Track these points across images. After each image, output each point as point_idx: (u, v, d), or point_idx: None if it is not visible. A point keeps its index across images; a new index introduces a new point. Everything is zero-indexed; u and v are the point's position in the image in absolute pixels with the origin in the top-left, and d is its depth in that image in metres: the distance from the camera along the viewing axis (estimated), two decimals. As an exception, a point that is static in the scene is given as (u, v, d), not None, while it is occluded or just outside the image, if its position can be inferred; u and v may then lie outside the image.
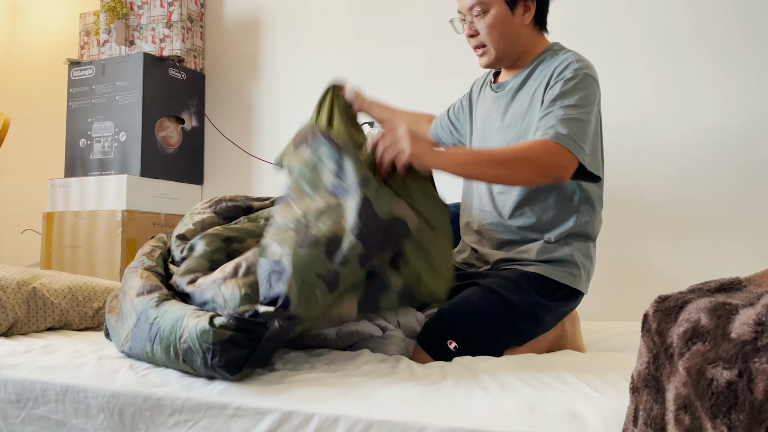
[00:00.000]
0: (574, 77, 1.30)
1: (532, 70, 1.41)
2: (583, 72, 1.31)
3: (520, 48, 1.42)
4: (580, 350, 1.43)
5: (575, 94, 1.29)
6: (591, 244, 1.41)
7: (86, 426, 1.00)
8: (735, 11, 1.98)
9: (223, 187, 2.84)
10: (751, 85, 1.95)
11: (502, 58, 1.42)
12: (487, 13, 1.38)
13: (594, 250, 1.43)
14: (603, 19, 2.16)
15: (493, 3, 1.37)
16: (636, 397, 0.65)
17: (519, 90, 1.41)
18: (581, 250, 1.37)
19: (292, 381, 0.95)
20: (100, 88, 2.65)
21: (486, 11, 1.37)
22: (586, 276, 1.39)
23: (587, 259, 1.39)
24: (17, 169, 3.31)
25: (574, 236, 1.37)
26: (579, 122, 1.26)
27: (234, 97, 2.86)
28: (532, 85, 1.39)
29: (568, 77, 1.31)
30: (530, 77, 1.40)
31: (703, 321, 0.58)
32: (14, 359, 1.15)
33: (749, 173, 1.94)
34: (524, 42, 1.41)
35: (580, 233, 1.38)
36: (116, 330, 1.18)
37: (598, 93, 1.35)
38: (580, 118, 1.26)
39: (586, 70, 1.32)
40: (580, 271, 1.36)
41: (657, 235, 2.04)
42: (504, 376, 0.93)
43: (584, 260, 1.37)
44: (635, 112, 2.09)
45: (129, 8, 2.70)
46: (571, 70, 1.31)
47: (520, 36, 1.40)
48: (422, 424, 0.78)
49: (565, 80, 1.30)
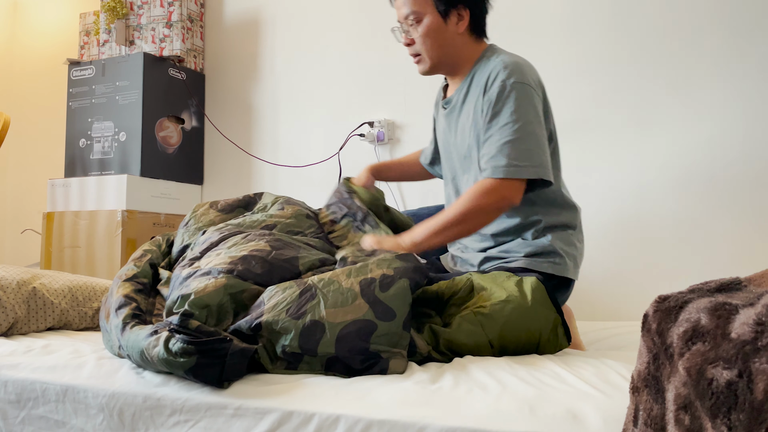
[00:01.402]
0: (502, 92, 1.33)
1: (471, 81, 1.44)
2: (510, 82, 1.33)
3: (456, 56, 1.45)
4: (579, 347, 1.44)
5: (506, 110, 1.32)
6: (571, 232, 1.44)
7: (86, 426, 1.00)
8: (735, 11, 1.98)
9: (223, 187, 2.84)
10: (751, 85, 1.95)
11: (438, 65, 1.46)
12: (420, 23, 1.42)
13: (577, 237, 1.45)
14: (603, 19, 2.16)
15: (426, 12, 1.41)
16: (636, 397, 0.65)
17: (463, 104, 1.45)
18: (561, 238, 1.40)
19: (292, 381, 0.95)
20: (100, 88, 2.65)
21: (419, 20, 1.42)
22: (573, 263, 1.41)
23: (570, 246, 1.41)
24: (17, 169, 3.31)
25: (550, 228, 1.41)
26: (517, 141, 1.31)
27: (234, 97, 2.86)
28: (472, 97, 1.42)
29: (496, 93, 1.34)
30: (470, 89, 1.44)
31: (703, 321, 0.58)
32: (14, 359, 1.15)
33: (749, 173, 1.94)
34: (460, 50, 1.45)
35: (555, 225, 1.41)
36: (108, 335, 1.18)
37: (534, 95, 1.36)
38: (517, 136, 1.31)
39: (513, 77, 1.34)
40: (565, 260, 1.39)
41: (657, 235, 2.04)
42: (504, 376, 0.93)
43: (566, 248, 1.40)
44: (635, 112, 2.09)
45: (129, 8, 2.70)
46: (498, 84, 1.34)
47: (454, 44, 1.44)
48: (422, 424, 0.78)
49: (495, 98, 1.34)
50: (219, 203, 1.52)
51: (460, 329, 1.06)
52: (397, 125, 2.48)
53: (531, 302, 1.08)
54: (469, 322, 1.07)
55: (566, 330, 1.11)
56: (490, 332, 1.06)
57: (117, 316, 1.11)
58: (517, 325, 1.07)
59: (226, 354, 0.92)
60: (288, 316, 0.99)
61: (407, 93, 2.47)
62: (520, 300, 1.08)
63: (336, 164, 2.56)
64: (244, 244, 1.20)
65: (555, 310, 1.09)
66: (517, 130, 1.31)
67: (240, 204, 1.52)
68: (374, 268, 1.07)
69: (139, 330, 1.03)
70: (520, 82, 1.34)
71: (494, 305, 1.07)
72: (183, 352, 0.91)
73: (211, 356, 0.91)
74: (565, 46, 2.20)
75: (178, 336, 0.92)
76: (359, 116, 2.54)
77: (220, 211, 1.48)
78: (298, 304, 1.01)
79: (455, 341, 1.06)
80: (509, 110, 1.32)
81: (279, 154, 2.73)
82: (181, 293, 1.03)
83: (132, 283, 1.22)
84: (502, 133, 1.32)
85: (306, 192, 2.63)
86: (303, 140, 2.69)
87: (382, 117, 2.49)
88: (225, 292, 1.04)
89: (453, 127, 1.49)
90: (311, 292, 1.03)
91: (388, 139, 2.48)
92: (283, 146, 2.73)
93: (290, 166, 2.69)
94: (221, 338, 0.92)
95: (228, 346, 0.92)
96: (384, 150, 2.49)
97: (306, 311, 0.99)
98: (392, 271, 1.06)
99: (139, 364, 1.02)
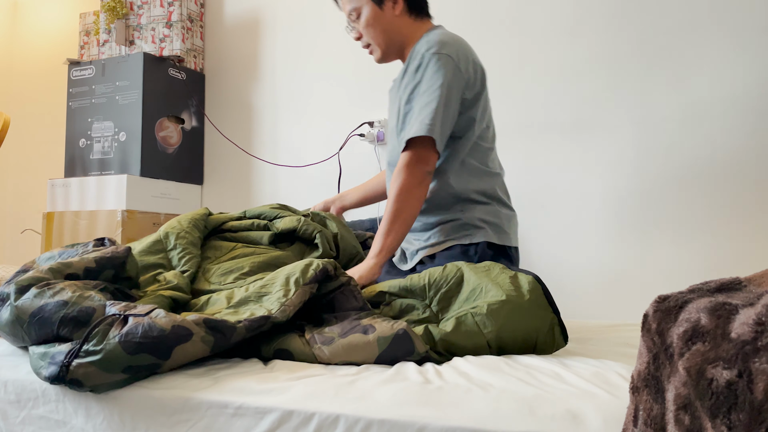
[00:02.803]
0: (420, 64, 1.41)
1: (410, 59, 1.49)
2: (430, 54, 1.41)
3: (400, 39, 1.53)
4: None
5: (422, 80, 1.40)
6: (495, 204, 1.49)
7: (86, 426, 1.00)
8: (735, 11, 1.98)
9: (223, 187, 2.84)
10: (751, 85, 1.95)
11: (388, 51, 1.54)
12: (360, 16, 1.51)
13: (502, 210, 1.49)
14: (603, 19, 2.16)
15: (363, 4, 1.50)
16: (636, 397, 0.65)
17: (401, 80, 1.51)
18: (481, 212, 1.45)
19: (292, 381, 0.95)
20: (100, 88, 2.65)
21: (359, 14, 1.51)
22: (496, 230, 1.46)
23: (492, 216, 1.46)
24: (17, 169, 3.31)
25: (464, 202, 1.46)
26: (427, 106, 1.37)
27: (234, 97, 2.86)
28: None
29: (415, 67, 1.42)
30: (408, 69, 1.49)
31: (703, 321, 0.58)
32: (14, 359, 1.15)
33: (749, 173, 1.94)
34: (403, 32, 1.52)
35: (474, 200, 1.46)
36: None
37: (450, 66, 1.40)
38: (428, 101, 1.37)
39: (433, 49, 1.41)
40: (486, 229, 1.44)
41: (657, 235, 2.04)
42: (504, 376, 0.93)
43: (487, 217, 1.45)
44: (635, 111, 2.09)
45: (129, 8, 2.70)
46: (418, 57, 1.43)
47: (395, 28, 1.51)
48: (422, 424, 0.78)
49: (414, 70, 1.42)
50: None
51: (458, 331, 1.06)
52: (397, 125, 2.49)
53: (528, 302, 1.08)
54: (467, 324, 1.07)
55: (563, 330, 1.11)
56: (489, 334, 1.06)
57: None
58: (515, 326, 1.07)
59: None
60: None
61: (407, 93, 2.47)
62: (517, 299, 1.08)
63: (336, 164, 2.56)
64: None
65: (551, 310, 1.09)
66: (429, 98, 1.38)
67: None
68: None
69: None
70: (441, 53, 1.40)
71: (492, 306, 1.07)
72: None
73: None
74: (565, 46, 2.20)
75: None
76: (359, 116, 2.54)
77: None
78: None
79: (454, 344, 1.06)
80: (425, 80, 1.39)
81: (279, 154, 2.73)
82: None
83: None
84: (418, 103, 1.39)
85: (306, 192, 2.63)
86: (303, 140, 2.69)
87: (382, 117, 2.49)
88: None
89: (393, 106, 1.56)
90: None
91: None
92: (283, 146, 2.74)
93: (290, 166, 2.69)
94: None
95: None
96: (384, 150, 2.49)
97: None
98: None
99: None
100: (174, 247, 1.34)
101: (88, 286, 1.11)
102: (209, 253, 1.39)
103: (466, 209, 1.45)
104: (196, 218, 1.43)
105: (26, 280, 1.09)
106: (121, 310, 0.99)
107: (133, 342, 0.92)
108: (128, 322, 0.95)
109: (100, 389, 0.96)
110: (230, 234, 1.47)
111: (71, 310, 1.02)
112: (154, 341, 0.93)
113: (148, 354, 0.93)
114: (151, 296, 1.16)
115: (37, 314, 1.03)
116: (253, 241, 1.45)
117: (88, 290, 1.08)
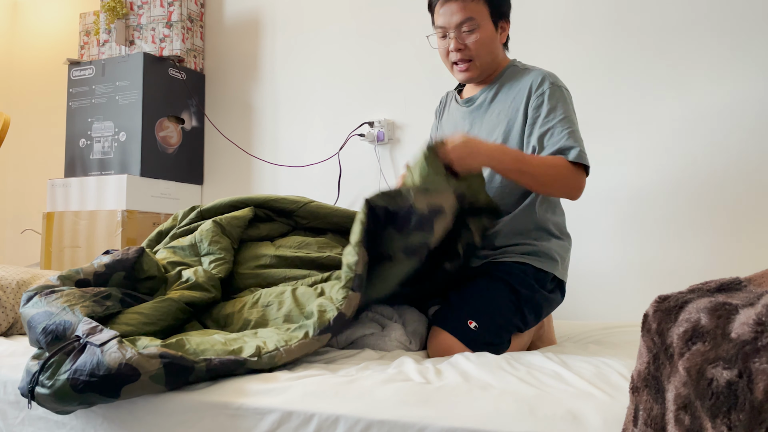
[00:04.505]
0: (553, 92, 1.44)
1: (501, 85, 1.53)
2: (557, 85, 1.45)
3: (496, 64, 1.55)
4: (552, 342, 1.56)
5: (560, 107, 1.42)
6: (566, 240, 1.53)
7: (86, 427, 1.00)
8: (735, 11, 1.98)
9: (223, 187, 2.84)
10: (751, 85, 1.95)
11: (483, 73, 1.54)
12: (478, 30, 1.48)
13: (570, 247, 1.53)
14: (603, 19, 2.16)
15: (483, 21, 1.48)
16: (636, 397, 0.65)
17: (492, 102, 1.53)
18: (556, 244, 1.48)
19: (292, 381, 0.95)
20: (100, 88, 2.65)
21: (473, 28, 1.48)
22: (563, 265, 1.50)
23: (564, 251, 1.50)
24: (17, 169, 3.31)
25: (541, 231, 1.48)
26: (577, 132, 1.41)
27: (234, 97, 2.86)
28: (505, 98, 1.50)
29: (548, 94, 1.44)
30: (500, 91, 1.52)
31: (703, 321, 0.58)
32: (14, 359, 1.15)
33: (749, 173, 1.94)
34: (499, 59, 1.55)
35: (550, 231, 1.49)
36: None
37: (570, 100, 1.49)
38: (573, 128, 1.41)
39: (556, 81, 1.46)
40: (558, 262, 1.47)
41: (657, 235, 2.04)
42: (504, 376, 0.93)
43: (560, 251, 1.48)
44: (635, 111, 2.09)
45: (129, 8, 2.70)
46: (547, 85, 1.45)
47: (498, 54, 1.54)
48: (422, 424, 0.78)
49: (547, 98, 1.43)
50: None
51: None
52: (397, 125, 2.48)
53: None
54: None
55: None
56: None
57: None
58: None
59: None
60: None
61: (407, 93, 2.47)
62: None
63: (336, 164, 2.56)
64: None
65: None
66: (572, 123, 1.42)
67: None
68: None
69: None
70: (563, 86, 1.46)
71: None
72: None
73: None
74: (565, 46, 2.20)
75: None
76: (359, 116, 2.54)
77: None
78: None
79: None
80: (563, 107, 1.42)
81: (279, 154, 2.73)
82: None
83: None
84: (564, 125, 1.40)
85: (306, 192, 2.63)
86: (303, 140, 2.69)
87: (382, 117, 2.49)
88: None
89: (478, 121, 1.55)
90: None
91: (388, 139, 2.48)
92: (283, 146, 2.73)
93: (290, 166, 2.69)
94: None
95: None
96: (384, 150, 2.49)
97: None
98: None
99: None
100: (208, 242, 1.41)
101: (86, 294, 1.12)
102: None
103: (542, 239, 1.46)
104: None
105: (36, 288, 1.15)
106: (85, 332, 0.99)
107: (81, 380, 0.92)
108: (84, 351, 0.95)
109: (64, 413, 0.99)
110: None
111: (51, 322, 1.04)
112: (100, 381, 0.91)
113: (96, 393, 0.92)
114: (159, 301, 1.17)
115: (30, 322, 1.07)
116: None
117: (82, 300, 1.10)
